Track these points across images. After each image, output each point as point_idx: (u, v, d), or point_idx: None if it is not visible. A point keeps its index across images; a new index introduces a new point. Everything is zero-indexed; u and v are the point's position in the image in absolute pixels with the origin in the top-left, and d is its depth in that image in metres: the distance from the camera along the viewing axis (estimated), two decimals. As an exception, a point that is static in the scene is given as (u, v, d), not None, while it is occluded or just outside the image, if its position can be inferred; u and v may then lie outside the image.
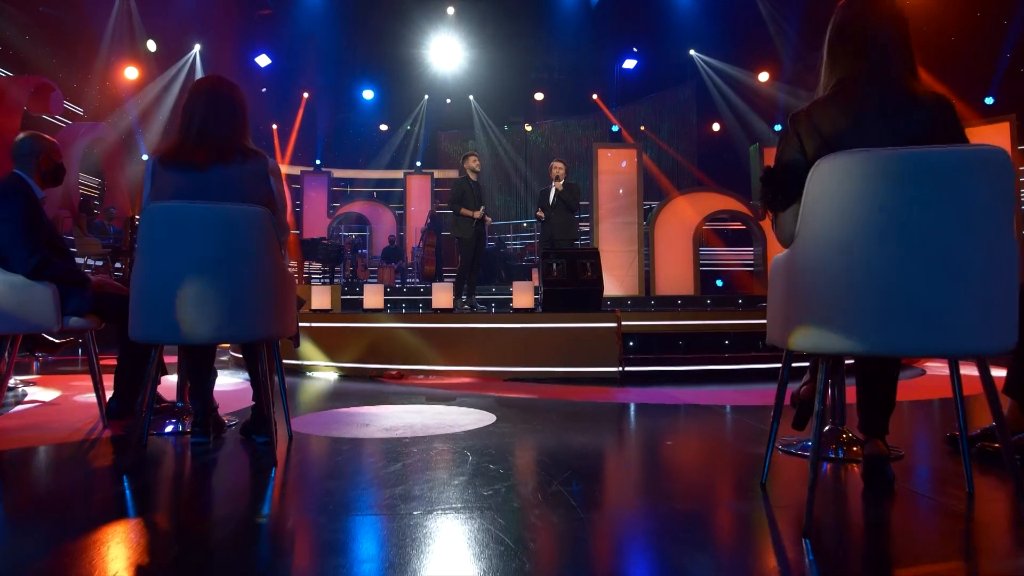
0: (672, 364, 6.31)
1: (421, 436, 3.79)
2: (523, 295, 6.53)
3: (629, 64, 18.65)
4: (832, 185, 2.20)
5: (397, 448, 3.50)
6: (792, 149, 2.55)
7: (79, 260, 12.50)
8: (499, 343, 6.35)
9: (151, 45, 17.50)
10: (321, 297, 7.35)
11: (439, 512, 2.37)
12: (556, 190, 9.18)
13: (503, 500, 2.53)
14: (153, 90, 17.28)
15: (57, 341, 5.60)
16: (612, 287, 13.80)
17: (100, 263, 12.48)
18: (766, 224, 14.64)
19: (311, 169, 20.58)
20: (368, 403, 5.11)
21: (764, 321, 2.94)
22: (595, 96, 20.00)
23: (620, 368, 6.15)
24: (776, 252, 9.87)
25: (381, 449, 3.50)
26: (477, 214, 8.95)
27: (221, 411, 4.07)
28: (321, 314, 7.11)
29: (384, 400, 5.28)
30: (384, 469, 3.07)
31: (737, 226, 16.03)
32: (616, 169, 14.92)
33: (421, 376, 6.51)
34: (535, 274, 15.74)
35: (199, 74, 17.87)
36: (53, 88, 13.64)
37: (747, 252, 15.79)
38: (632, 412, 4.87)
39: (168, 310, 3.01)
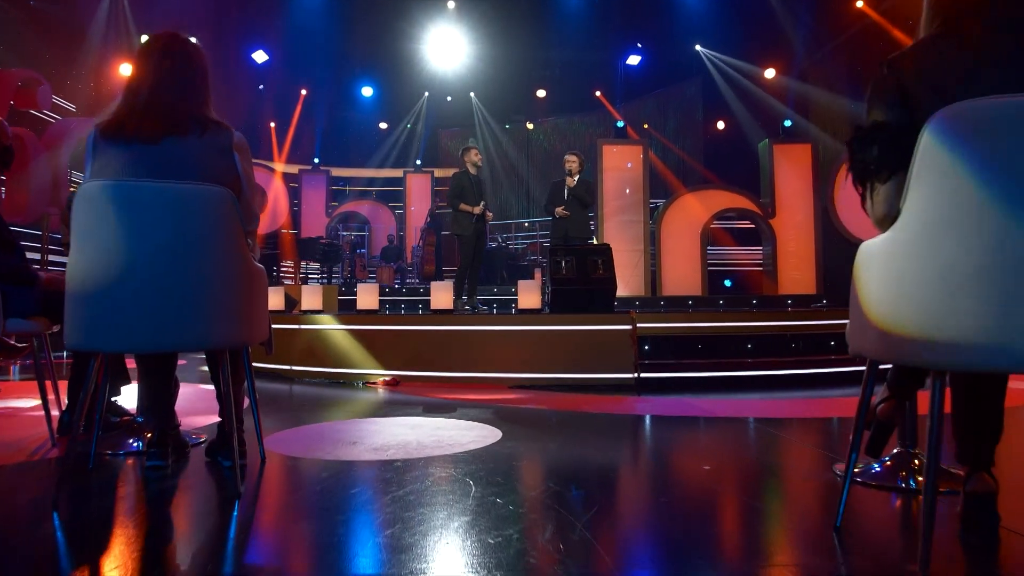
0: (691, 370, 5.75)
1: (416, 458, 3.22)
2: (529, 295, 5.97)
3: (633, 60, 18.09)
4: (960, 145, 1.62)
5: (387, 475, 2.93)
6: (890, 103, 1.95)
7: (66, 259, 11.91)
8: (503, 347, 5.79)
9: (144, 40, 16.89)
10: (312, 297, 6.79)
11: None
12: (569, 187, 8.60)
13: (515, 554, 1.96)
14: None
15: (18, 345, 5.04)
16: (618, 287, 13.20)
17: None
18: (776, 222, 14.08)
19: (309, 168, 19.99)
20: (358, 415, 4.54)
21: (790, 324, 2.33)
22: (598, 93, 19.43)
23: (636, 374, 5.58)
24: (789, 250, 9.33)
25: (368, 476, 2.94)
26: (477, 210, 8.38)
27: (196, 421, 3.50)
28: (312, 315, 6.54)
29: (376, 411, 4.71)
30: (370, 505, 2.51)
31: (745, 225, 15.45)
32: (622, 166, 14.36)
33: (419, 383, 5.95)
34: (538, 274, 15.18)
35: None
36: (41, 82, 13.08)
37: (756, 252, 15.22)
38: (655, 426, 4.31)
39: (107, 312, 2.45)
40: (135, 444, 3.50)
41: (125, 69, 16.74)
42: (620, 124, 14.57)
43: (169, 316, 2.46)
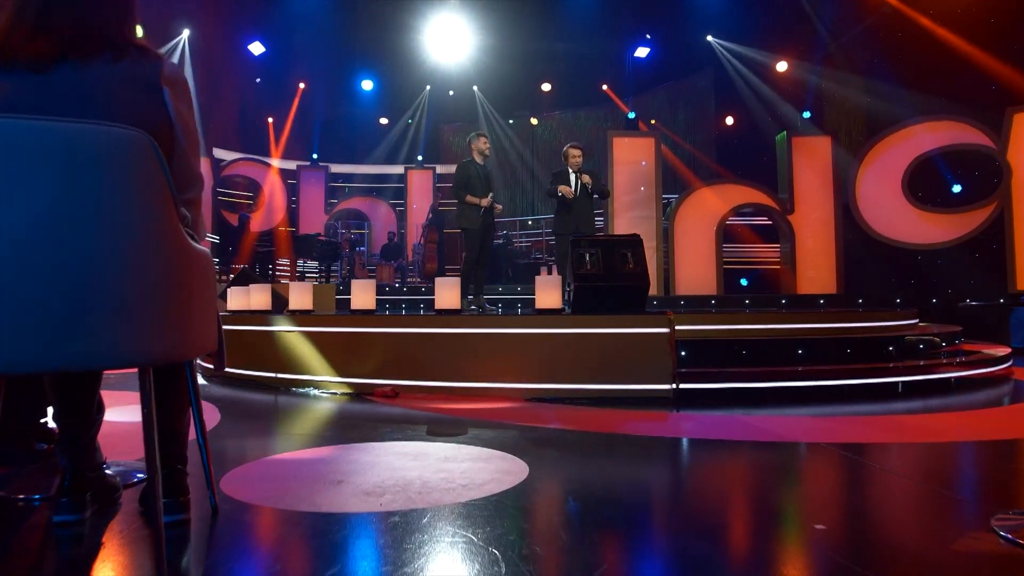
0: (735, 380, 4.89)
1: (420, 508, 2.37)
2: (548, 293, 5.12)
3: (642, 52, 17.21)
4: None
5: (379, 537, 2.08)
6: None
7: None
8: (520, 353, 4.93)
9: (139, 31, 16.03)
10: (301, 295, 5.93)
11: None
12: (581, 182, 7.73)
13: None
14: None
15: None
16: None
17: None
18: (794, 218, 13.24)
19: (308, 163, 19.15)
20: (349, 438, 3.69)
21: (856, 325, 1.45)
22: (605, 87, 18.56)
23: (674, 385, 4.73)
24: (808, 247, 8.42)
25: (353, 541, 2.09)
26: (485, 202, 7.54)
27: (140, 451, 2.66)
28: (301, 316, 5.69)
29: (371, 433, 3.86)
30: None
31: (762, 221, 14.60)
32: (633, 159, 13.52)
33: (421, 395, 5.09)
34: (544, 273, 14.35)
35: (187, 63, 16.45)
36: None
37: (773, 249, 14.38)
38: (711, 455, 3.45)
39: (-41, 312, 1.59)
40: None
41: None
42: (631, 115, 13.76)
43: (50, 321, 1.61)
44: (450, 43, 17.86)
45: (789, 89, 15.39)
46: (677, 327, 4.90)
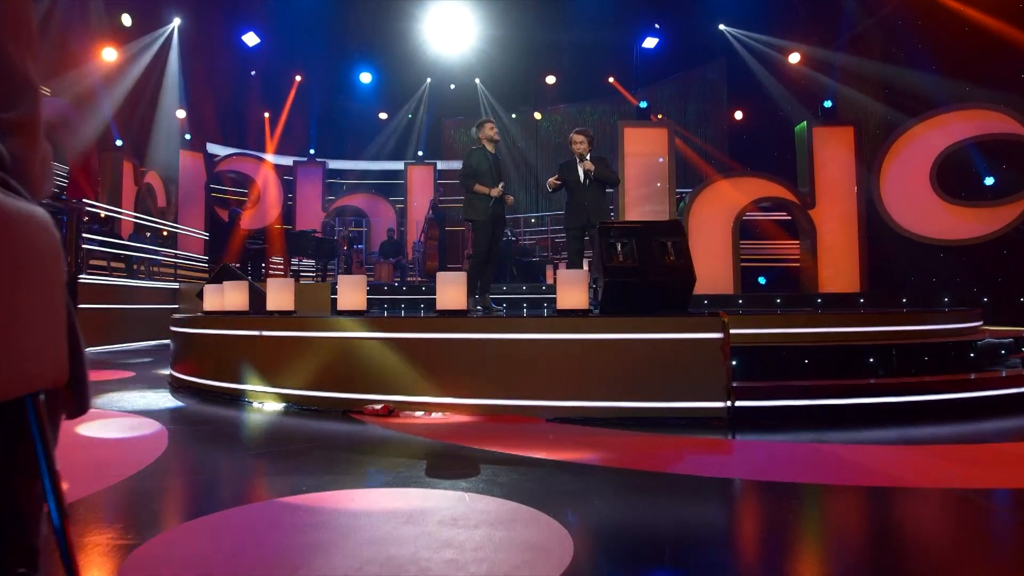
0: (803, 396, 3.95)
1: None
2: (573, 292, 4.16)
3: (650, 43, 16.29)
4: None
5: None
6: None
7: None
8: (539, 363, 4.00)
9: (126, 19, 15.14)
10: (280, 294, 4.98)
11: None
12: (585, 170, 6.79)
13: None
14: (124, 70, 14.90)
15: None
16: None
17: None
18: (815, 213, 12.31)
19: (304, 160, 18.22)
20: (322, 481, 2.75)
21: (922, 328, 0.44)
22: (611, 79, 17.63)
23: (728, 403, 3.80)
24: (829, 244, 7.55)
25: None
26: (495, 191, 6.62)
27: None
28: (280, 318, 4.75)
29: (353, 471, 2.92)
30: None
31: (780, 216, 13.68)
32: (646, 151, 12.59)
33: (420, 414, 4.15)
34: (550, 272, 13.45)
35: (173, 53, 15.52)
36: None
37: (791, 246, 13.45)
38: (808, 505, 2.52)
39: None
40: None
41: (109, 54, 15.02)
42: (643, 104, 12.82)
43: None
44: (452, 34, 16.94)
45: (808, 78, 14.45)
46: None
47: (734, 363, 4.18)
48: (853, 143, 12.55)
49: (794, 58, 14.58)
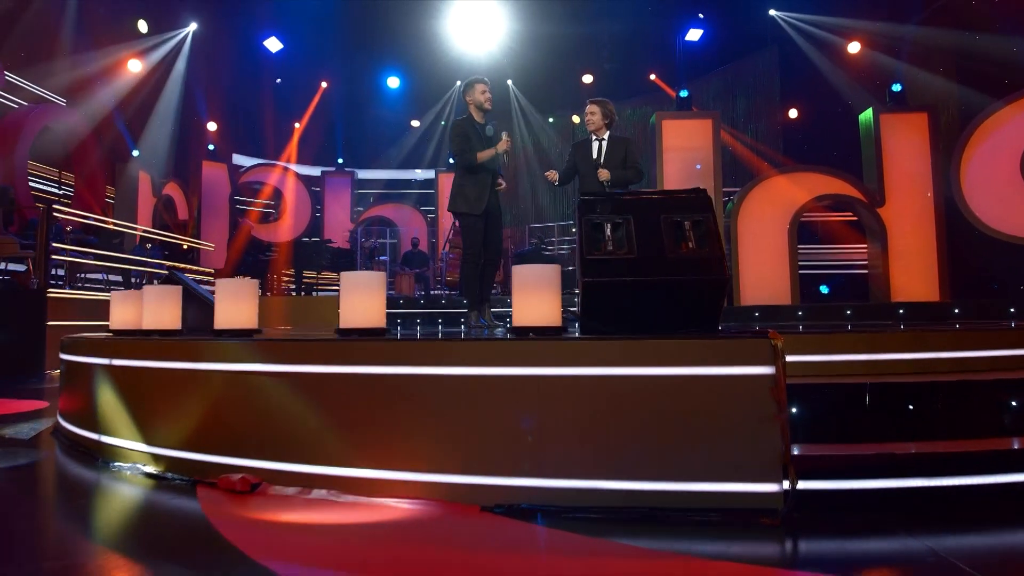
0: (912, 471, 2.28)
1: None
2: (535, 299, 2.56)
3: (694, 35, 14.58)
4: None
5: None
6: None
7: (-11, 265, 9.09)
8: (471, 414, 2.42)
9: (142, 26, 14.18)
10: (233, 305, 3.41)
11: None
12: (602, 180, 5.13)
13: None
14: (140, 78, 13.91)
15: None
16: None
17: (22, 268, 9.03)
18: (885, 212, 10.42)
19: (332, 169, 17.02)
20: None
21: None
22: (653, 76, 15.94)
23: (786, 486, 2.16)
24: (903, 247, 5.68)
25: None
26: (503, 144, 5.23)
27: None
28: (130, 342, 3.28)
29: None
30: None
31: (842, 217, 11.79)
32: (687, 145, 10.89)
33: (292, 491, 2.61)
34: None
35: (182, 58, 14.45)
36: (-15, 57, 10.32)
37: (858, 250, 11.52)
38: None
39: None
40: None
41: (134, 65, 14.08)
42: (684, 94, 11.15)
43: None
44: (482, 35, 15.54)
45: (874, 61, 12.50)
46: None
47: (795, 410, 2.52)
48: (927, 131, 10.62)
49: (855, 44, 12.67)
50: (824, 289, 11.62)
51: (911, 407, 2.56)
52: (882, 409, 2.57)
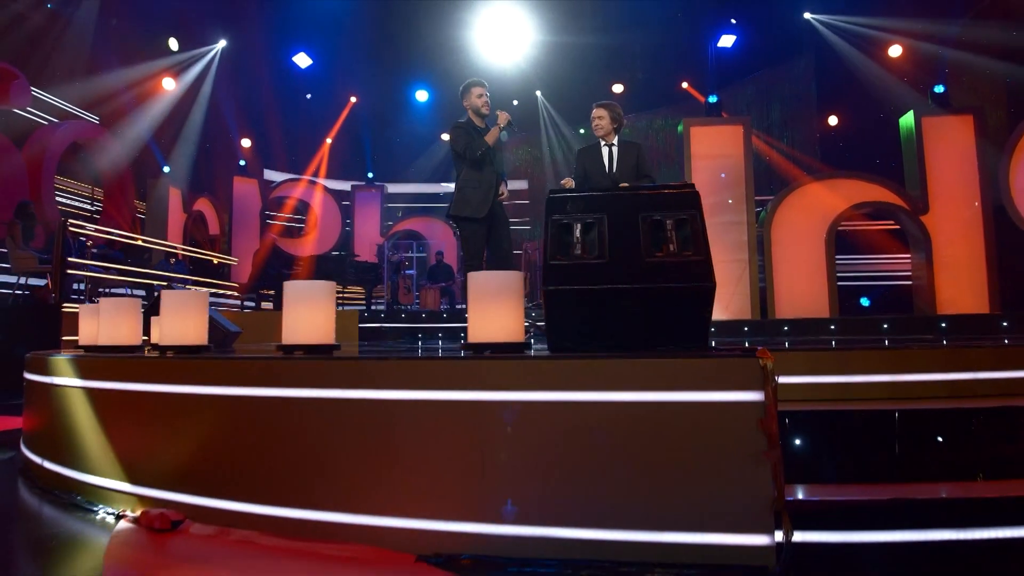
0: (940, 521, 1.86)
1: None
2: (492, 311, 2.21)
3: (726, 41, 14.10)
4: None
5: None
6: None
7: (10, 279, 9.09)
8: (405, 447, 2.06)
9: (173, 44, 14.27)
10: (177, 319, 3.07)
11: None
12: (609, 146, 4.95)
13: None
14: (171, 94, 13.98)
15: None
16: (714, 310, 9.39)
17: (43, 282, 8.98)
18: (929, 220, 9.80)
19: (362, 183, 16.90)
20: None
21: None
22: (685, 84, 15.47)
23: (780, 538, 1.76)
24: (948, 256, 5.15)
25: None
26: (502, 118, 4.95)
27: None
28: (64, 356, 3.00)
29: None
30: None
31: (884, 225, 11.17)
32: (718, 152, 10.43)
33: (221, 531, 2.28)
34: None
35: (212, 75, 14.48)
36: (16, 76, 10.38)
37: (901, 260, 10.88)
38: None
39: None
40: None
41: (168, 83, 14.19)
42: (713, 99, 10.71)
43: None
44: (510, 47, 15.29)
45: (915, 63, 11.88)
46: (782, 378, 1.92)
47: (797, 443, 2.10)
48: (973, 133, 10.00)
49: (896, 47, 12.07)
50: (865, 302, 10.99)
51: (940, 439, 2.12)
52: (905, 442, 2.13)
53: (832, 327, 8.39)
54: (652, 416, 1.86)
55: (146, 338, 4.06)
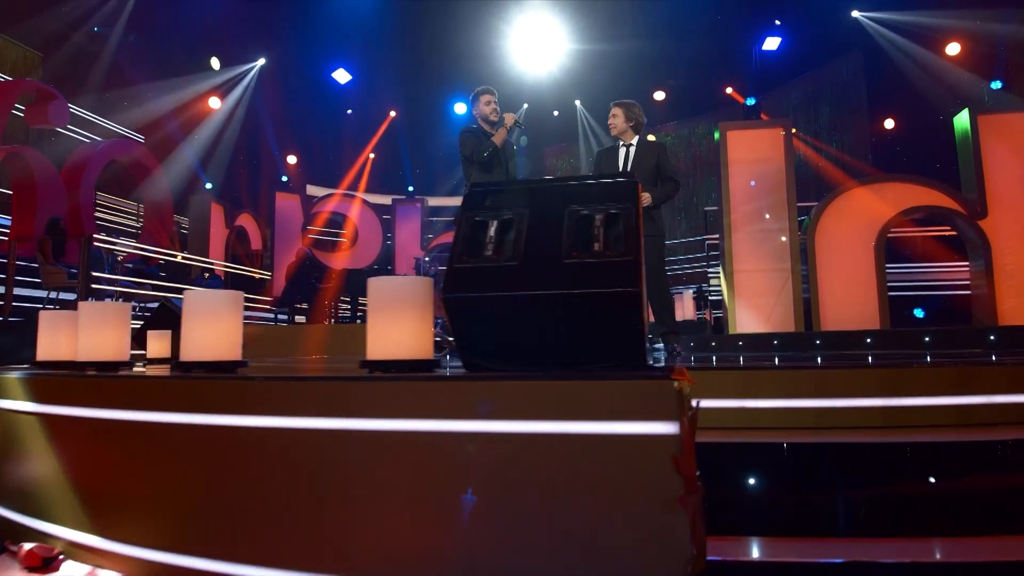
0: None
1: None
2: (395, 324, 1.90)
3: (771, 43, 13.51)
4: None
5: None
6: None
7: (41, 293, 9.22)
8: (271, 484, 1.74)
9: (215, 63, 14.50)
10: (91, 334, 2.86)
11: None
12: (627, 147, 4.69)
13: None
14: (213, 113, 14.18)
15: None
16: (754, 322, 8.98)
17: (74, 296, 9.08)
18: (987, 225, 9.04)
19: (403, 197, 16.82)
20: None
21: None
22: (729, 89, 14.90)
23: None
24: (1010, 264, 4.55)
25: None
26: (509, 117, 5.27)
27: None
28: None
29: None
30: None
31: (939, 231, 10.40)
32: (756, 157, 9.88)
33: (85, 571, 2.01)
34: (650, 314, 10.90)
35: (252, 92, 14.62)
36: (54, 96, 10.58)
37: (958, 269, 10.10)
38: None
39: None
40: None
41: (214, 102, 14.46)
42: (751, 102, 10.20)
43: None
44: (546, 57, 15.04)
45: (971, 59, 11.09)
46: (750, 402, 1.52)
47: (752, 482, 1.71)
48: (1034, 131, 9.22)
49: (954, 45, 11.32)
50: (919, 313, 10.23)
51: (932, 479, 1.69)
52: (890, 482, 1.71)
53: (867, 340, 7.76)
54: (539, 451, 1.50)
55: (142, 352, 3.88)
